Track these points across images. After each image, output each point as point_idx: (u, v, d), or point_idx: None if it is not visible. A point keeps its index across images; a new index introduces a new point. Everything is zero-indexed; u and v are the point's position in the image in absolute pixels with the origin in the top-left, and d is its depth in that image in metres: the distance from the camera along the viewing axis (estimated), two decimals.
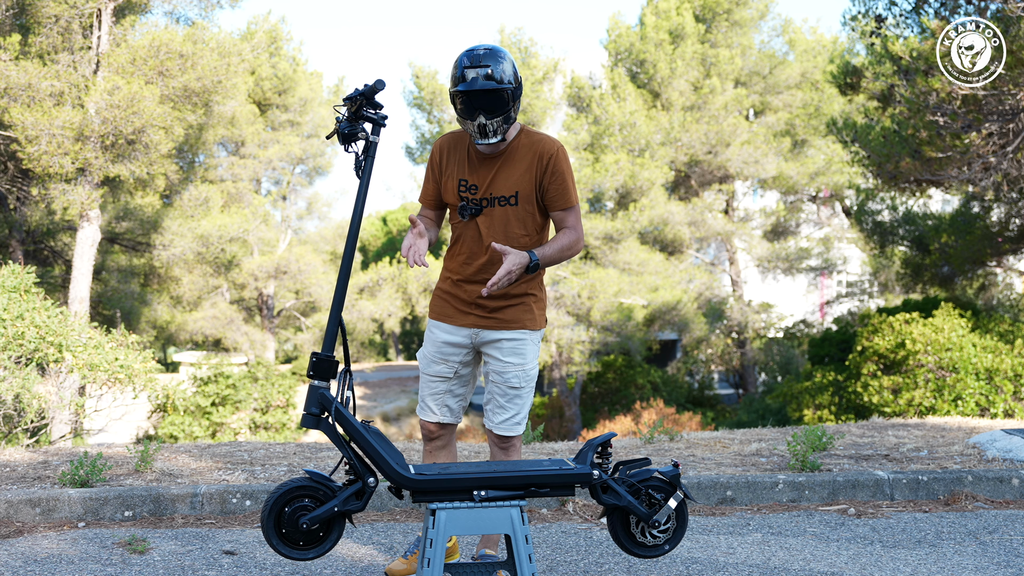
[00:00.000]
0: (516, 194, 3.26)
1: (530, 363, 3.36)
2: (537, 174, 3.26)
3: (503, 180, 3.26)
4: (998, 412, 10.75)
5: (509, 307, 3.32)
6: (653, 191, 21.21)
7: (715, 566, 3.69)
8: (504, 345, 3.33)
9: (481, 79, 3.12)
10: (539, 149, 3.26)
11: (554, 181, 3.27)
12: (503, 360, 3.33)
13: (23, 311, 6.99)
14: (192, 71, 13.64)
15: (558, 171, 3.26)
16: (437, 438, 3.46)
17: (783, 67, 23.26)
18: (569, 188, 3.30)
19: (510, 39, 21.20)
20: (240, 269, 23.44)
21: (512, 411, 3.37)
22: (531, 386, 3.38)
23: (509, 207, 3.27)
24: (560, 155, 3.27)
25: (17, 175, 14.89)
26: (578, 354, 20.60)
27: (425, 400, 3.44)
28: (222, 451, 5.73)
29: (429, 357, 3.41)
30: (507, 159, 3.27)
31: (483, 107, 3.13)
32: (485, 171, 3.28)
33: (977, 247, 13.75)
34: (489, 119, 3.14)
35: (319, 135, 25.41)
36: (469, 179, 3.29)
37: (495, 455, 3.46)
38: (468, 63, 3.14)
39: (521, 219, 3.28)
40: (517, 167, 3.26)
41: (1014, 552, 3.88)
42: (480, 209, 3.28)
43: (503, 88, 3.13)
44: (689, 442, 6.13)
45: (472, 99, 3.13)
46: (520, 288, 3.33)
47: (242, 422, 17.28)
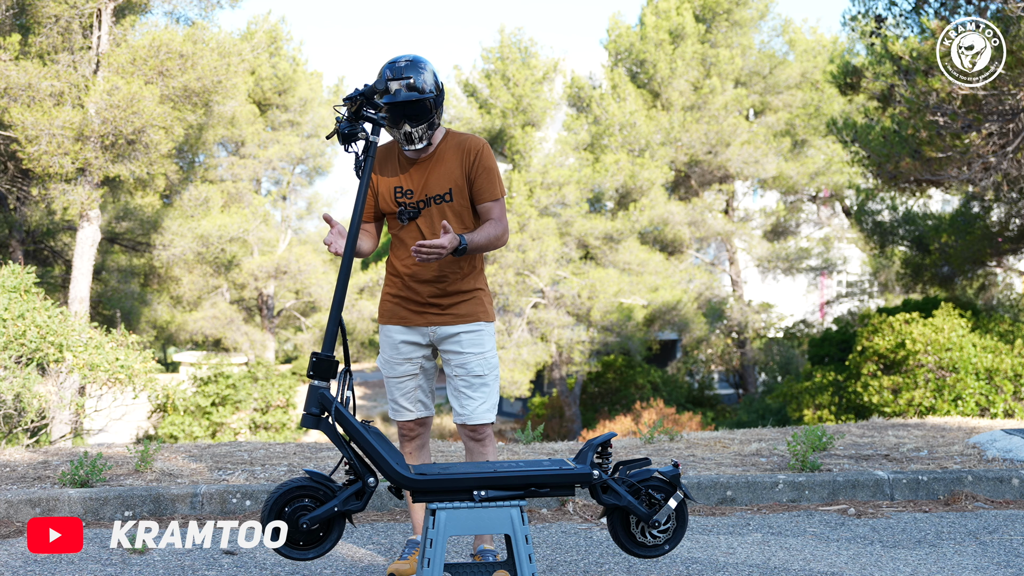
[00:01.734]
0: (450, 190, 3.40)
1: (490, 352, 3.48)
2: (465, 168, 3.41)
3: (436, 179, 3.40)
4: (998, 412, 10.75)
5: (462, 302, 3.45)
6: (653, 191, 21.20)
7: (715, 566, 3.69)
8: (463, 338, 3.44)
9: (404, 90, 3.26)
10: (466, 146, 3.43)
11: (481, 174, 3.42)
12: (463, 352, 3.44)
13: (24, 311, 6.99)
14: (192, 71, 13.63)
15: (485, 165, 3.42)
16: (417, 436, 3.56)
17: (783, 67, 23.25)
18: (495, 181, 3.45)
19: (510, 39, 21.19)
20: (240, 269, 23.43)
21: (480, 398, 3.44)
22: (495, 375, 3.48)
23: (445, 204, 3.40)
24: (486, 150, 3.45)
25: (17, 175, 14.88)
26: (578, 354, 20.59)
27: (398, 402, 3.53)
28: (222, 451, 5.73)
29: (392, 361, 3.51)
30: (437, 160, 3.41)
31: (407, 116, 3.27)
32: (418, 175, 3.41)
33: (977, 247, 13.75)
34: (414, 127, 3.29)
35: (319, 135, 25.41)
36: (404, 185, 3.42)
37: (471, 450, 3.51)
38: (391, 75, 3.28)
39: (458, 214, 3.42)
40: (447, 164, 3.41)
41: (1014, 552, 3.88)
42: (418, 212, 3.41)
43: (425, 98, 3.28)
44: (689, 442, 6.13)
45: (396, 109, 3.27)
46: (469, 284, 3.46)
47: (242, 422, 17.27)
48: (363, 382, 33.05)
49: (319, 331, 25.41)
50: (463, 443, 3.57)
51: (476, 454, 3.50)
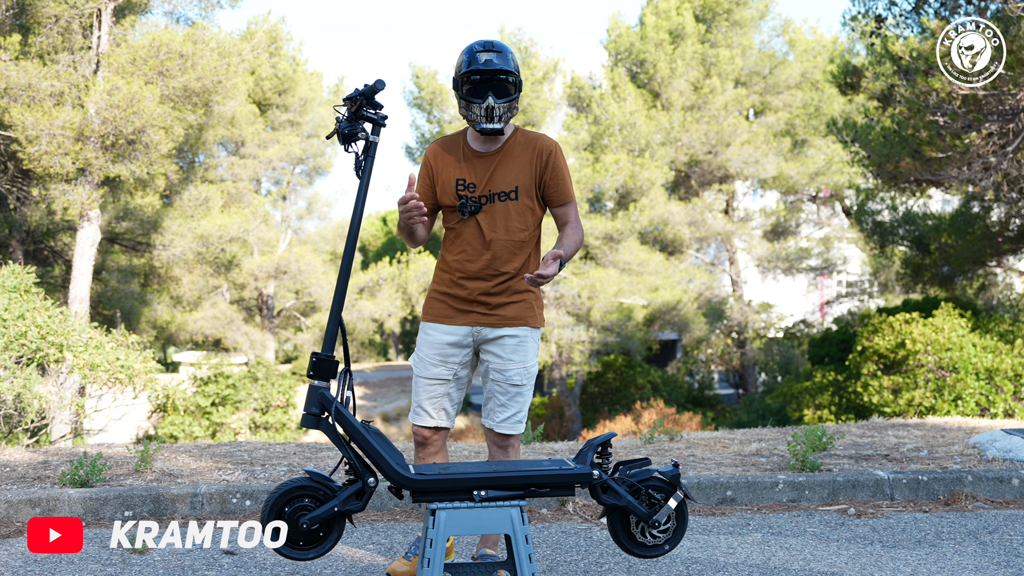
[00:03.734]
0: (516, 188, 3.32)
1: (531, 360, 3.37)
2: (537, 169, 3.33)
3: (502, 176, 3.32)
4: (998, 412, 10.75)
5: (511, 304, 3.34)
6: (653, 191, 21.21)
7: (715, 566, 3.69)
8: (506, 342, 3.34)
9: (495, 61, 3.24)
10: (538, 146, 3.35)
11: (555, 176, 3.35)
12: (505, 357, 3.33)
13: (24, 311, 6.99)
14: (192, 71, 13.63)
15: (558, 167, 3.35)
16: (431, 444, 3.42)
17: (783, 67, 23.26)
18: (568, 183, 3.40)
19: (510, 39, 21.19)
20: (240, 269, 23.43)
21: (514, 409, 3.36)
22: (531, 384, 3.39)
23: (510, 202, 3.32)
24: (558, 151, 3.37)
25: (17, 175, 14.89)
26: (578, 354, 20.59)
27: (422, 404, 3.39)
28: (222, 451, 5.73)
29: (427, 360, 3.38)
30: (505, 155, 3.33)
31: (494, 90, 3.24)
32: (482, 169, 3.33)
33: (977, 247, 13.75)
34: (497, 102, 3.23)
35: (319, 135, 25.40)
36: (467, 177, 3.33)
37: (494, 455, 3.45)
38: (481, 48, 3.26)
39: (521, 213, 3.33)
40: (516, 163, 3.33)
41: (1014, 552, 3.88)
42: (479, 206, 3.31)
43: (511, 73, 3.25)
44: (689, 442, 6.13)
45: (485, 78, 3.23)
46: (521, 285, 3.35)
47: (242, 422, 17.27)
48: (363, 382, 33.06)
49: (319, 331, 25.40)
50: (487, 444, 3.51)
51: (498, 459, 3.43)
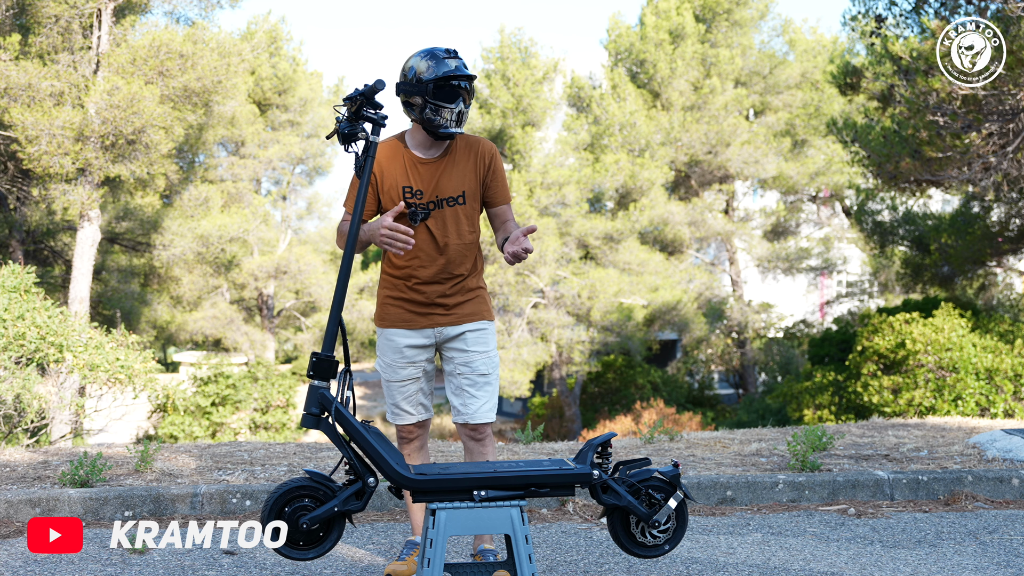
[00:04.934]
0: (463, 193, 3.39)
1: (493, 351, 3.49)
2: (480, 172, 3.42)
3: (448, 181, 3.38)
4: (998, 412, 10.75)
5: (467, 302, 3.46)
6: (653, 191, 21.20)
7: (715, 566, 3.69)
8: (468, 337, 3.44)
9: (463, 67, 3.27)
10: (479, 149, 3.43)
11: (495, 179, 3.45)
12: (469, 350, 3.43)
13: (24, 311, 6.99)
14: (192, 71, 13.63)
15: (498, 169, 3.46)
16: (416, 438, 3.55)
17: (783, 67, 23.25)
18: (507, 185, 3.52)
19: (510, 39, 21.19)
20: (240, 269, 23.43)
21: (484, 398, 3.43)
22: (497, 374, 3.49)
23: (458, 206, 3.39)
24: (497, 154, 3.48)
25: (17, 175, 14.88)
26: (578, 354, 20.59)
27: (399, 406, 3.50)
28: (222, 451, 5.73)
29: (394, 365, 3.47)
30: (449, 161, 3.39)
31: (465, 92, 3.28)
32: (428, 175, 3.38)
33: (977, 247, 13.75)
34: (465, 107, 3.29)
35: (319, 135, 25.41)
36: (413, 185, 3.38)
37: (471, 449, 3.50)
38: (446, 55, 3.27)
39: (469, 216, 3.42)
40: (460, 167, 3.39)
41: (1014, 552, 3.88)
42: (428, 212, 3.38)
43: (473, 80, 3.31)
44: (689, 442, 6.13)
45: (461, 85, 3.26)
46: (472, 283, 3.47)
47: (242, 422, 17.27)
48: (363, 382, 33.05)
49: (319, 331, 25.41)
50: (463, 443, 3.56)
51: (476, 454, 3.49)
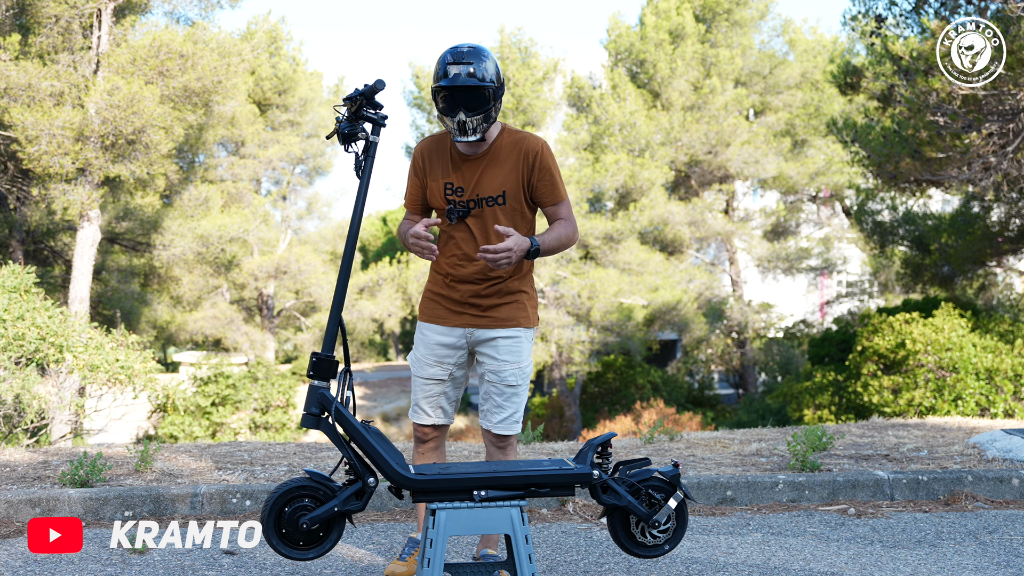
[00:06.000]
0: (503, 193, 3.28)
1: (525, 360, 3.37)
2: (524, 172, 3.28)
3: (489, 181, 3.28)
4: (998, 412, 10.75)
5: (503, 305, 3.34)
6: (653, 191, 21.21)
7: (715, 566, 3.69)
8: (500, 344, 3.33)
9: (464, 76, 3.15)
10: (523, 147, 3.29)
11: (543, 178, 3.30)
12: (499, 359, 3.33)
13: (23, 311, 6.99)
14: (192, 71, 13.63)
15: (545, 167, 3.30)
16: (430, 440, 3.47)
17: (783, 67, 23.26)
18: (558, 183, 3.33)
19: (510, 39, 21.19)
20: (240, 269, 23.43)
21: (510, 410, 3.37)
22: (527, 383, 3.39)
23: (498, 207, 3.28)
24: (545, 151, 3.30)
25: (17, 175, 14.89)
26: (578, 354, 20.59)
27: (419, 403, 3.43)
28: (222, 451, 5.73)
29: (423, 360, 3.40)
30: (491, 159, 3.29)
31: (464, 104, 3.16)
32: (470, 173, 3.29)
33: (977, 247, 13.75)
34: (469, 116, 3.16)
35: (319, 135, 25.41)
36: (454, 181, 3.30)
37: (492, 455, 3.45)
38: (451, 60, 3.17)
39: (510, 218, 3.30)
40: (502, 167, 3.28)
41: (1014, 552, 3.88)
42: (468, 211, 3.29)
43: (484, 86, 3.16)
44: (689, 442, 6.13)
45: (454, 95, 3.16)
46: (513, 286, 3.34)
47: (242, 422, 17.28)
48: (363, 382, 33.06)
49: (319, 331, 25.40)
50: (485, 446, 3.52)
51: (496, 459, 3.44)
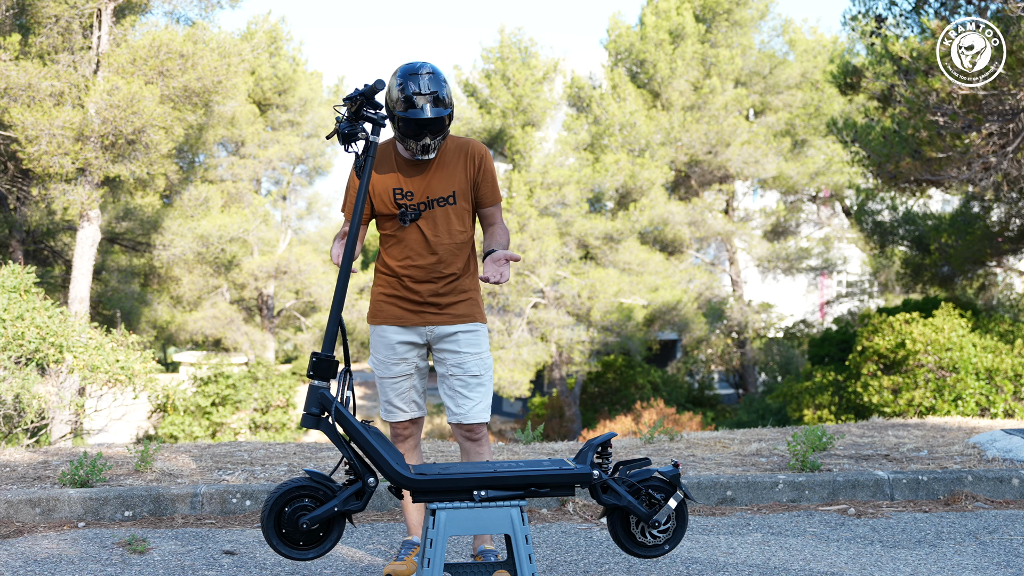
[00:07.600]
0: (453, 193, 3.43)
1: (485, 352, 3.51)
2: (470, 173, 3.45)
3: (439, 183, 3.42)
4: (998, 412, 10.75)
5: (460, 302, 3.48)
6: (653, 191, 21.21)
7: (715, 566, 3.69)
8: (460, 338, 3.46)
9: (431, 107, 3.24)
10: (469, 151, 3.46)
11: (485, 179, 3.48)
12: (461, 351, 3.46)
13: (23, 311, 6.99)
14: (192, 71, 13.63)
15: (488, 170, 3.48)
16: (411, 436, 3.58)
17: (783, 67, 23.26)
18: (497, 185, 3.54)
19: (510, 39, 21.19)
20: (240, 269, 23.44)
21: (477, 398, 3.46)
22: (490, 375, 3.51)
23: (449, 206, 3.43)
24: (487, 155, 3.50)
25: (17, 175, 14.88)
26: (578, 354, 20.59)
27: (392, 402, 3.53)
28: (222, 451, 5.73)
29: (387, 361, 3.51)
30: (439, 163, 3.43)
31: (430, 130, 3.27)
32: (418, 177, 3.42)
33: (977, 247, 13.75)
34: (434, 139, 3.31)
35: (319, 135, 25.41)
36: (403, 186, 3.42)
37: (467, 450, 3.52)
38: (417, 89, 3.23)
39: (460, 216, 3.46)
40: (450, 168, 3.43)
41: (1014, 552, 3.88)
42: (419, 213, 3.42)
43: (449, 113, 3.30)
44: (689, 442, 6.13)
45: (420, 124, 3.26)
46: (465, 284, 3.50)
47: (242, 422, 17.28)
48: (363, 382, 33.06)
49: (319, 331, 25.41)
50: (458, 443, 3.57)
51: (472, 454, 3.51)
